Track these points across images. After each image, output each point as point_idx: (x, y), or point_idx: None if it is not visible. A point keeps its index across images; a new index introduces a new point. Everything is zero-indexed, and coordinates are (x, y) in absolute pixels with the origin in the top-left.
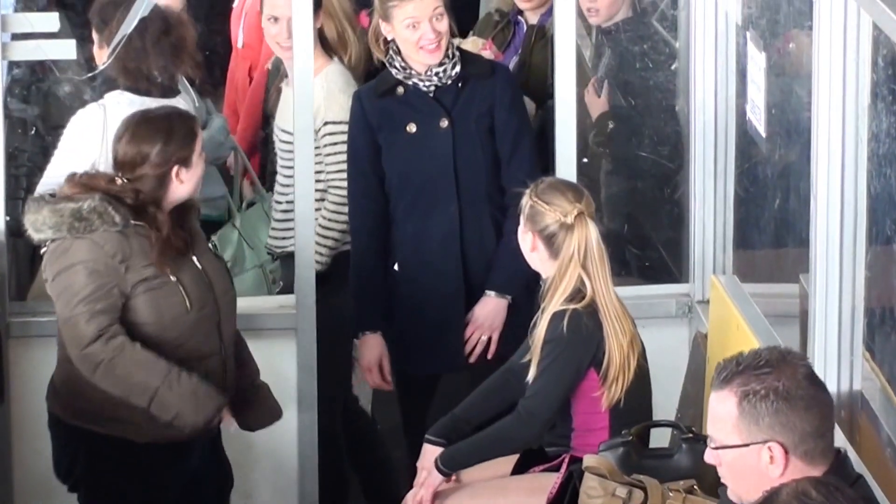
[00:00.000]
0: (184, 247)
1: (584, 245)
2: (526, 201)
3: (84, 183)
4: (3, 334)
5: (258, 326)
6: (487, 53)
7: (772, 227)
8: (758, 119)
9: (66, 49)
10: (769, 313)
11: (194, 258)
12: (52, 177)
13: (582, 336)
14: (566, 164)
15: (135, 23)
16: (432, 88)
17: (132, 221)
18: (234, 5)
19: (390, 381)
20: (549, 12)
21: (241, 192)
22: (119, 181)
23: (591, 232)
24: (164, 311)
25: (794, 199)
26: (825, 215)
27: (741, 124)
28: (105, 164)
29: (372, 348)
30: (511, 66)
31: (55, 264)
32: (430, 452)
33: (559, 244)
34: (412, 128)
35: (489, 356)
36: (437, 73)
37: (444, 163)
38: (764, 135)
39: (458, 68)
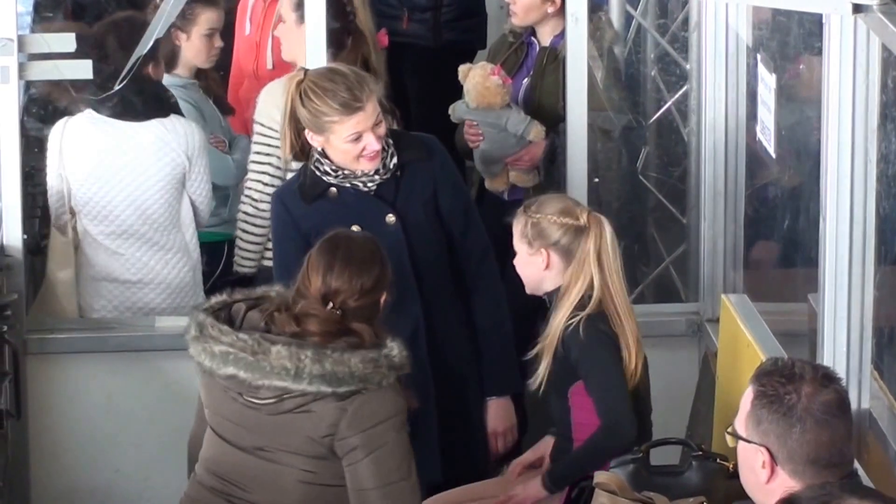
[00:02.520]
0: None
1: (599, 241)
2: (524, 222)
3: (338, 320)
4: (20, 351)
5: None
6: (496, 78)
7: (781, 246)
8: (768, 140)
9: (82, 69)
10: (778, 332)
11: None
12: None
13: (603, 336)
14: (577, 186)
15: (150, 43)
16: (374, 187)
17: None
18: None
19: None
20: (562, 34)
21: None
22: (334, 311)
23: (606, 226)
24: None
25: (803, 219)
26: (834, 235)
27: (751, 145)
28: (58, 178)
29: None
30: (522, 87)
31: (367, 419)
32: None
33: (577, 248)
34: (356, 230)
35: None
36: (377, 171)
37: (399, 261)
38: (774, 155)
39: (395, 158)
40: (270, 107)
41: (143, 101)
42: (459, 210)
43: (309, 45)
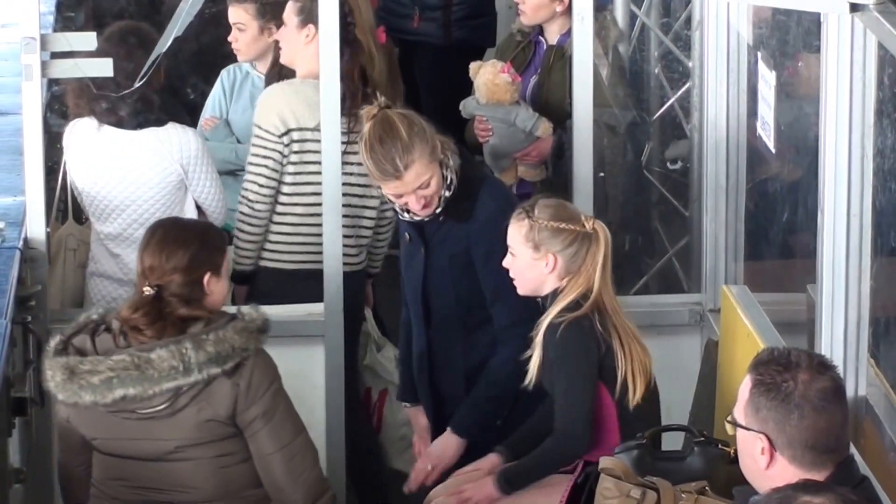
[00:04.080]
0: None
1: (606, 249)
2: (529, 227)
3: (151, 300)
4: (44, 340)
5: (288, 333)
6: (505, 76)
7: (781, 239)
8: (768, 136)
9: (102, 67)
10: (778, 322)
11: None
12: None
13: (582, 343)
14: (583, 180)
15: (169, 42)
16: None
17: None
18: None
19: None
20: (568, 33)
21: None
22: (148, 289)
23: (608, 234)
24: None
25: (802, 212)
26: (832, 228)
27: (752, 140)
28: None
29: (420, 418)
30: (530, 84)
31: (257, 388)
32: (492, 460)
33: (582, 256)
34: (407, 238)
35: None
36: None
37: (417, 288)
38: (774, 151)
39: (440, 207)
40: (268, 111)
41: (140, 109)
42: (487, 280)
43: (322, 52)
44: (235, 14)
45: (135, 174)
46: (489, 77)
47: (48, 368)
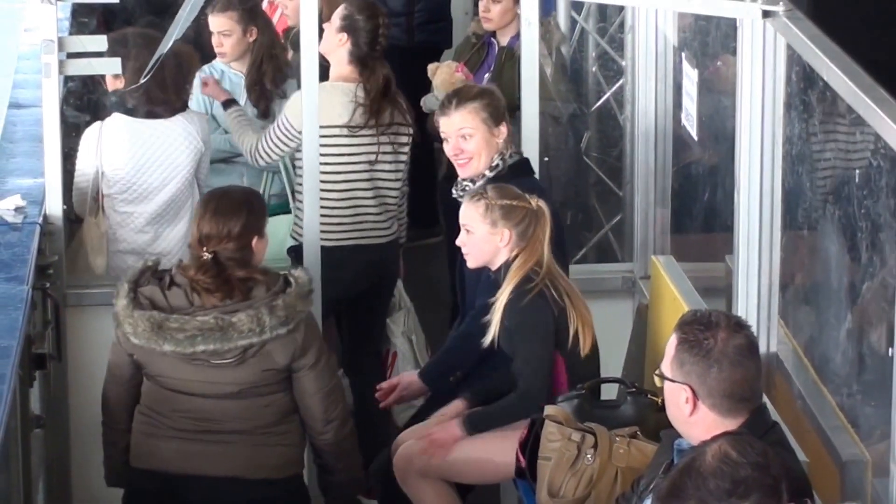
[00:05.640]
0: None
1: (548, 224)
2: (485, 206)
3: (215, 268)
4: (61, 304)
5: None
6: (460, 75)
7: (702, 215)
8: (691, 125)
9: (112, 65)
10: (700, 288)
11: None
12: (76, 185)
13: (541, 315)
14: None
15: (170, 44)
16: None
17: None
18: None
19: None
20: (518, 36)
21: None
22: (206, 255)
23: (549, 210)
24: None
25: (720, 191)
26: (747, 205)
27: (677, 129)
28: (93, 171)
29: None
30: (484, 81)
31: (310, 340)
32: (457, 405)
33: (532, 230)
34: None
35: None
36: (462, 188)
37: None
38: (696, 138)
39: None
40: (299, 109)
41: (166, 100)
42: None
43: (303, 53)
44: (220, 23)
45: (173, 157)
46: (446, 76)
47: (128, 318)
